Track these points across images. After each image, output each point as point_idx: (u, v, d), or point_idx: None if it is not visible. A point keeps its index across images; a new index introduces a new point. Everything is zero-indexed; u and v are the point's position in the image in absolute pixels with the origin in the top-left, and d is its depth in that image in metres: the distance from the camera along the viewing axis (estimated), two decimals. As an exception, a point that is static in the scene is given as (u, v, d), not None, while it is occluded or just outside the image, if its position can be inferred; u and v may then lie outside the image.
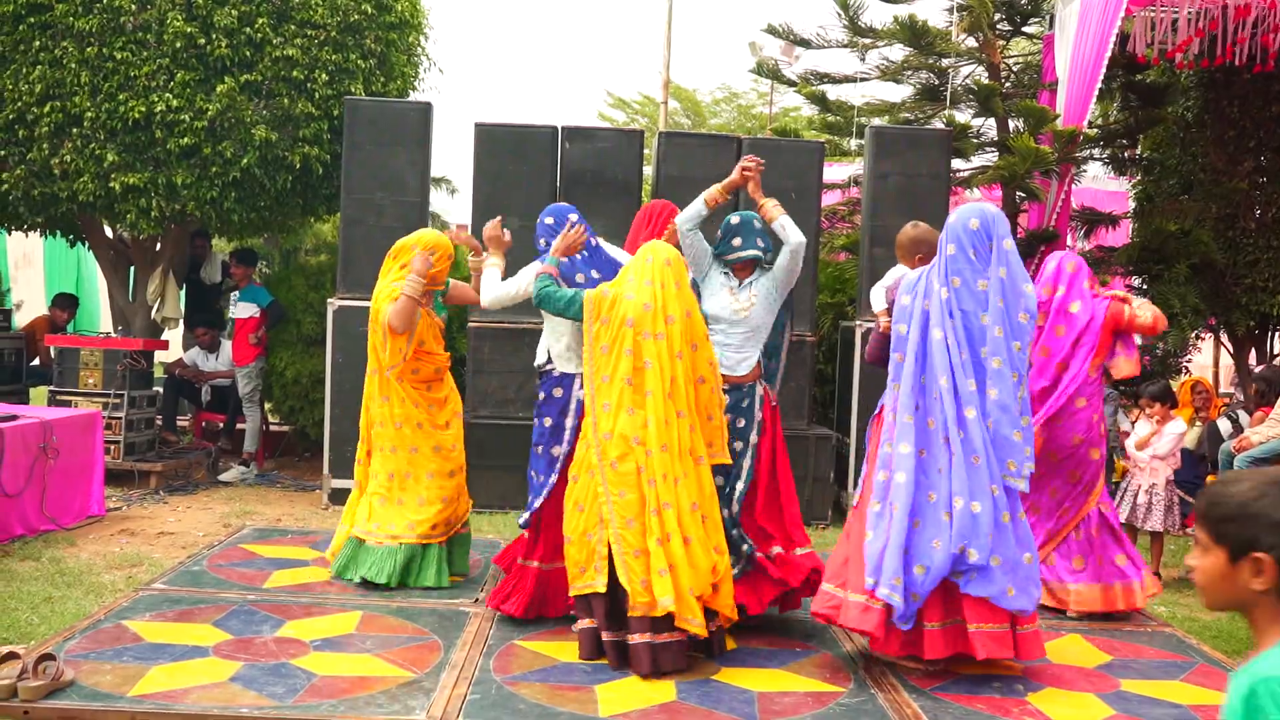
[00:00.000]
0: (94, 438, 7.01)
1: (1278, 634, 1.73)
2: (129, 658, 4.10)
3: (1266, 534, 1.71)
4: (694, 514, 4.27)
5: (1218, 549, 1.77)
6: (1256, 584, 1.73)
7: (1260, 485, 1.76)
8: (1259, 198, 9.37)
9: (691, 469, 4.34)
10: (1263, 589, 1.72)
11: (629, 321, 4.35)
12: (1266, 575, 1.71)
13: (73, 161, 7.71)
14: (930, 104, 10.16)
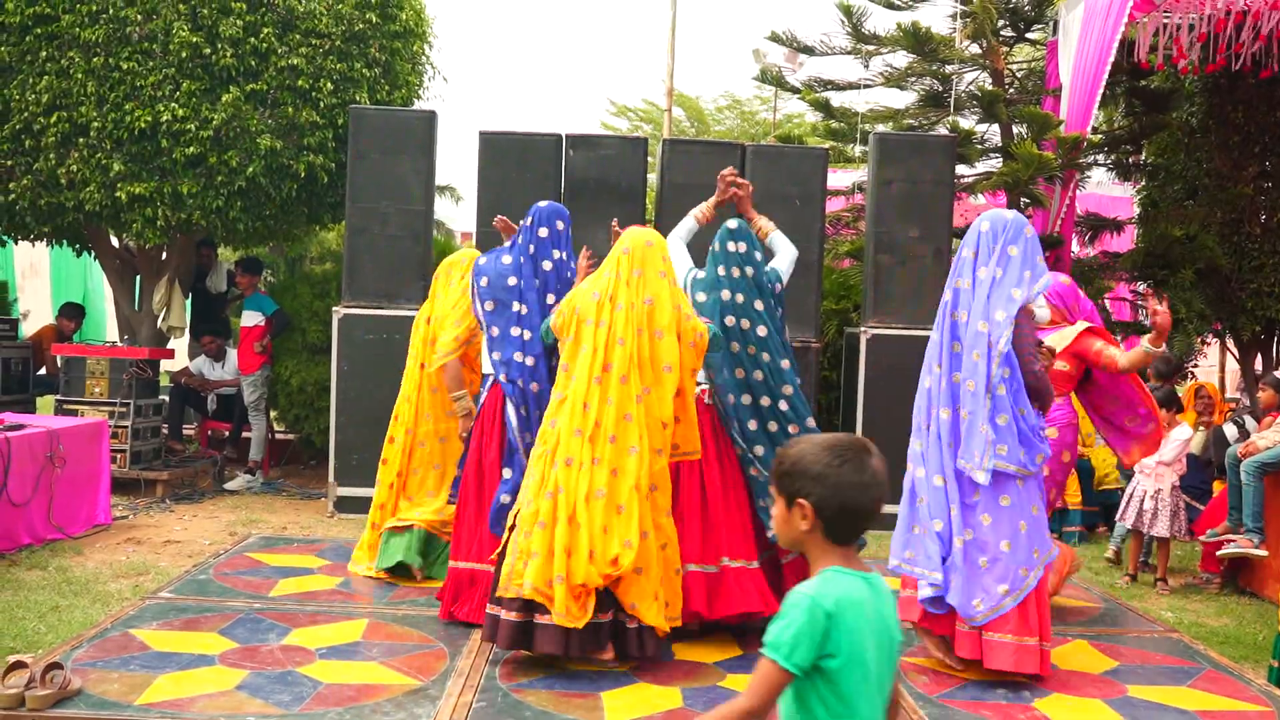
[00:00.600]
0: (100, 447, 7.02)
1: (821, 565, 2.11)
2: (136, 666, 4.10)
3: (806, 484, 2.09)
4: (595, 501, 4.21)
5: (780, 499, 2.14)
6: (802, 525, 2.09)
7: (806, 446, 2.14)
8: (1264, 203, 9.36)
9: (615, 456, 4.26)
10: (807, 529, 2.10)
11: (577, 311, 4.49)
12: (808, 518, 2.08)
13: (79, 171, 7.74)
14: (934, 110, 10.16)
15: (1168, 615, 5.80)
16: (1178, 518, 6.46)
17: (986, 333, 4.35)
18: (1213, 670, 4.63)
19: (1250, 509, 6.15)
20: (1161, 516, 6.40)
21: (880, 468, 2.14)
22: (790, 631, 2.01)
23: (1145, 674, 4.56)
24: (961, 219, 9.86)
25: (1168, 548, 6.57)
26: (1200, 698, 4.27)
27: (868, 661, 2.03)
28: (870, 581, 2.10)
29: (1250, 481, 6.15)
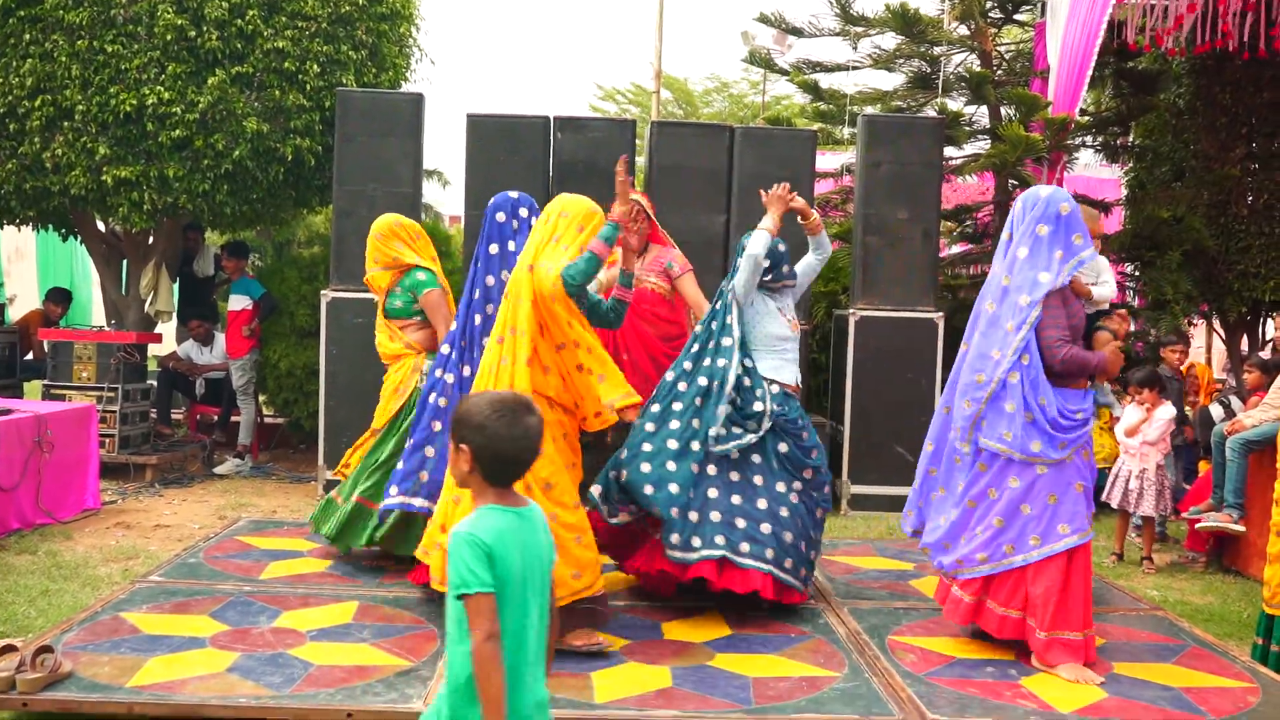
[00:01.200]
0: (89, 431, 7.01)
1: (480, 501, 2.48)
2: (126, 649, 4.11)
3: (469, 432, 2.45)
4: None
5: (451, 442, 2.50)
6: (464, 466, 2.46)
7: (475, 399, 2.52)
8: (1251, 184, 9.39)
9: None
10: (468, 470, 2.47)
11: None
12: (468, 461, 2.45)
13: (64, 155, 7.70)
14: (922, 92, 10.16)
15: (1153, 594, 5.85)
16: (1163, 497, 6.51)
17: (995, 314, 4.34)
18: (1197, 647, 4.67)
19: (1232, 485, 6.21)
20: (1147, 496, 6.45)
21: (535, 425, 2.50)
22: (465, 565, 2.36)
23: (1131, 651, 4.59)
24: (949, 201, 9.89)
25: (1153, 527, 6.62)
26: (1185, 674, 4.31)
27: (516, 583, 2.41)
28: (521, 515, 2.49)
29: (1234, 459, 6.21)
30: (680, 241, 7.76)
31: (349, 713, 3.65)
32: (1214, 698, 4.00)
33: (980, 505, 4.40)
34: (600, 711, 3.74)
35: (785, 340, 4.99)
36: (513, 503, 2.49)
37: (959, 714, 3.80)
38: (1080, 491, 4.33)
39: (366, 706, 3.67)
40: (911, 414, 7.74)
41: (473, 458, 2.45)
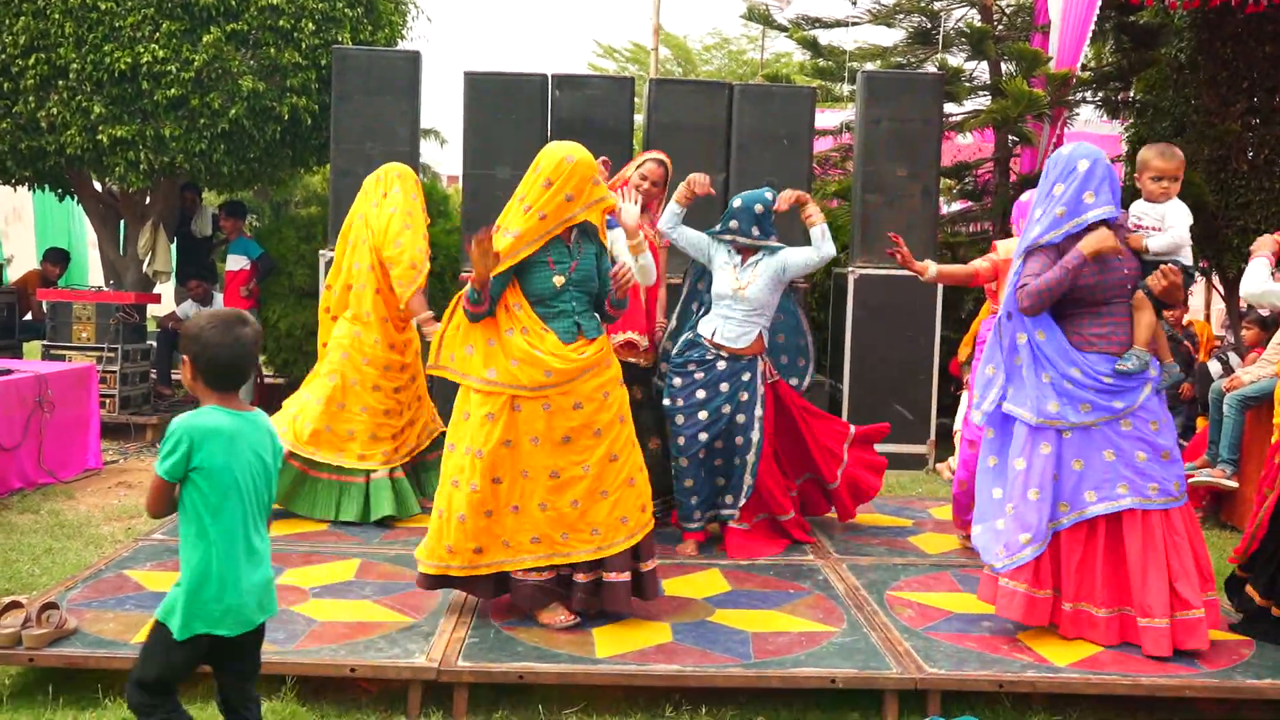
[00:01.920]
0: (89, 391, 7.02)
1: (205, 404, 2.80)
2: (131, 606, 4.14)
3: (189, 344, 2.78)
4: None
5: (182, 358, 2.83)
6: (188, 375, 2.80)
7: (196, 317, 2.86)
8: (1251, 139, 9.34)
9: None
10: (191, 378, 2.81)
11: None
12: (190, 370, 2.79)
13: (59, 114, 7.66)
14: (922, 48, 10.09)
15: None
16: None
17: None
18: (1193, 601, 4.69)
19: (1228, 440, 6.24)
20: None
21: (248, 335, 2.81)
22: (164, 451, 2.73)
23: (1127, 605, 4.62)
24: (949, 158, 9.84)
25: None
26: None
27: (231, 473, 2.76)
28: (244, 417, 2.82)
29: (1231, 414, 6.23)
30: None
31: (352, 667, 3.68)
32: (1208, 651, 4.03)
33: (1010, 482, 4.20)
34: (601, 666, 3.78)
35: (722, 299, 5.06)
36: (235, 407, 2.82)
37: (956, 668, 3.84)
38: (1111, 460, 4.03)
39: (369, 661, 3.71)
40: (911, 372, 7.77)
41: (193, 366, 2.78)
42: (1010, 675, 3.80)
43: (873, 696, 3.80)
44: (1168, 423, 4.13)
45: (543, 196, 4.03)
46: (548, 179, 4.02)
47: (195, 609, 2.75)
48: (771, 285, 5.05)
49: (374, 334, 5.55)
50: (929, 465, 7.97)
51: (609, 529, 4.08)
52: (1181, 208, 4.15)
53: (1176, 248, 4.10)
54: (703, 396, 5.03)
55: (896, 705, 3.75)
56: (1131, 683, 3.79)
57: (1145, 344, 4.06)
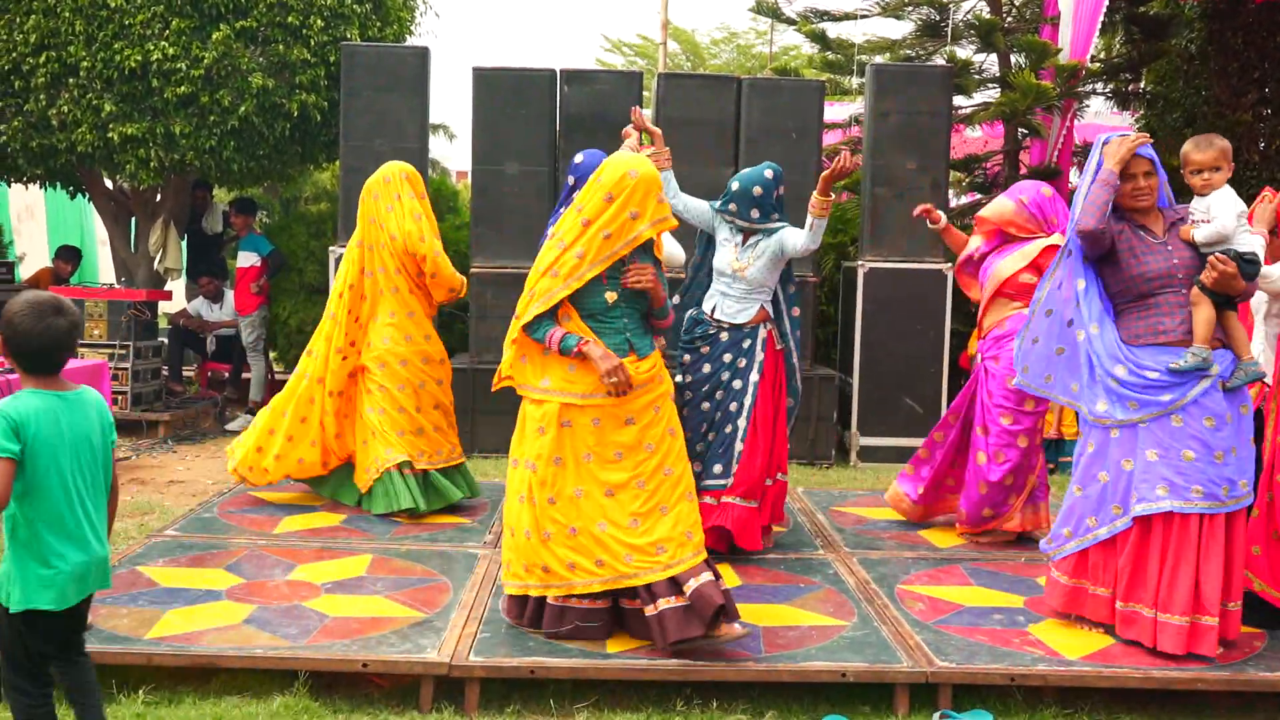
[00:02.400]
0: (101, 388, 7.05)
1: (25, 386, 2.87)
2: (144, 602, 4.16)
3: (4, 328, 2.84)
4: None
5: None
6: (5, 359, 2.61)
7: (12, 301, 2.88)
8: (1263, 130, 9.30)
9: None
10: (9, 361, 2.86)
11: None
12: (6, 353, 2.83)
13: (70, 112, 7.69)
14: (931, 40, 10.06)
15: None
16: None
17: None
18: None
19: None
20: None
21: (61, 326, 2.86)
22: None
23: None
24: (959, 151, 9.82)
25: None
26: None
27: (54, 454, 2.83)
28: (64, 398, 2.90)
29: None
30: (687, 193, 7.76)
31: (364, 663, 3.70)
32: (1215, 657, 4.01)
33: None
34: (612, 661, 3.79)
35: (722, 275, 5.04)
36: (56, 387, 2.91)
37: (967, 661, 3.84)
38: (1154, 460, 3.91)
39: (381, 656, 3.72)
40: (920, 366, 7.76)
41: (6, 348, 2.86)
42: (1021, 668, 3.80)
43: (884, 690, 3.80)
44: (1233, 422, 3.91)
45: (605, 212, 3.88)
46: (609, 193, 3.87)
47: (23, 584, 2.84)
48: (771, 265, 4.98)
49: (404, 332, 5.62)
50: (939, 459, 7.95)
51: (675, 545, 3.87)
52: (1226, 197, 4.03)
53: (1222, 237, 3.97)
54: (708, 370, 5.01)
55: (907, 699, 3.76)
56: (1144, 675, 3.79)
57: (1205, 341, 3.88)
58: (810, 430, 7.68)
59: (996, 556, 5.19)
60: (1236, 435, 3.92)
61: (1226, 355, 3.95)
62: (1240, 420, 3.94)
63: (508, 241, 7.61)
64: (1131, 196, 4.07)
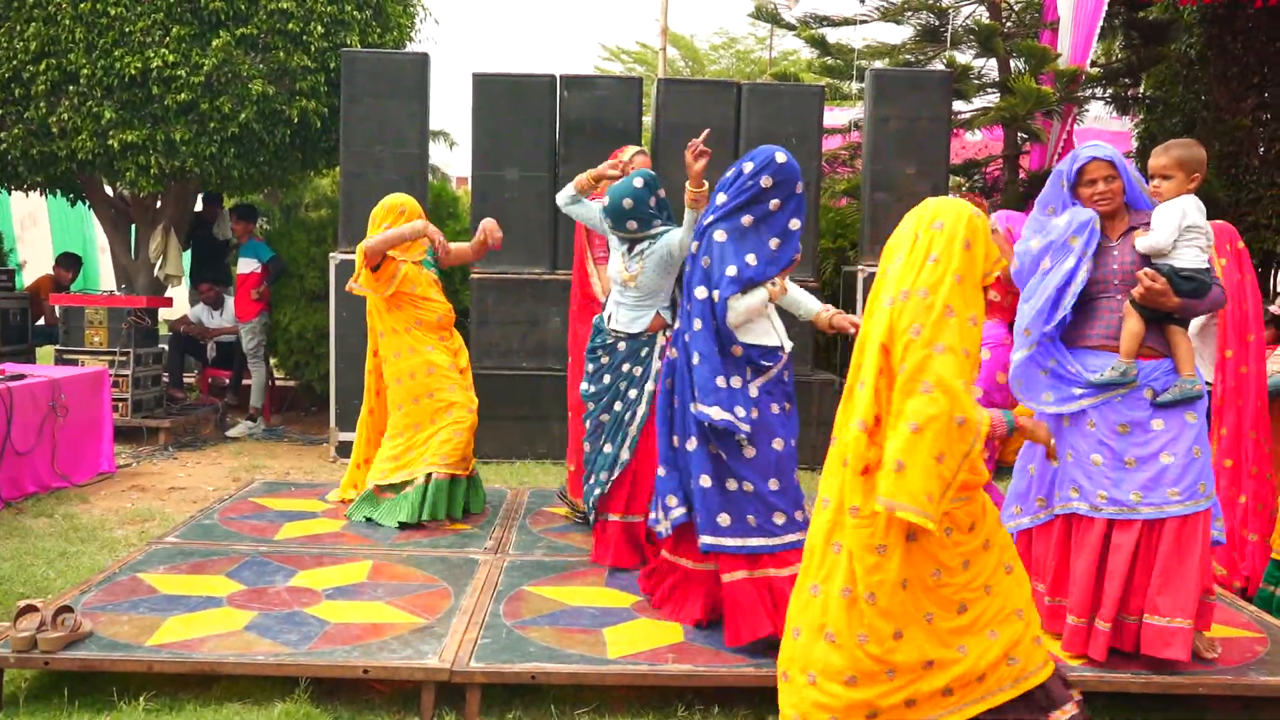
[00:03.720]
0: (102, 395, 7.06)
1: None
2: (145, 609, 4.16)
3: None
4: None
5: None
6: None
7: None
8: (1262, 135, 9.32)
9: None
10: None
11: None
12: None
13: (70, 120, 7.69)
14: (931, 45, 10.08)
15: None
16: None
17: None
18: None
19: None
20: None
21: None
22: None
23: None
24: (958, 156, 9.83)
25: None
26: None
27: None
28: None
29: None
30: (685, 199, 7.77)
31: (365, 669, 3.70)
32: (1221, 647, 4.02)
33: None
34: (613, 666, 3.78)
35: (615, 284, 5.02)
36: None
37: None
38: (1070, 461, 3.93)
39: (382, 663, 3.72)
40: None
41: None
42: (1023, 673, 3.78)
43: (885, 695, 3.79)
44: (1164, 429, 3.82)
45: (974, 264, 3.24)
46: (966, 240, 3.22)
47: None
48: (660, 270, 4.85)
49: (389, 350, 5.62)
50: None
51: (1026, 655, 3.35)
52: (1171, 209, 3.87)
53: (1156, 250, 3.84)
54: (607, 382, 4.97)
55: (909, 704, 3.75)
56: (1145, 680, 3.78)
57: (1129, 355, 3.81)
58: (811, 434, 7.67)
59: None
60: (1168, 443, 3.81)
61: (1162, 365, 3.86)
62: (1184, 429, 3.82)
63: (508, 247, 7.56)
64: (1090, 201, 3.97)
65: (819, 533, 3.37)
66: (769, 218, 4.02)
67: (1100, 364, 3.89)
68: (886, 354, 3.20)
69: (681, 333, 4.14)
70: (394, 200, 5.65)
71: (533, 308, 7.74)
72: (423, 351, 5.57)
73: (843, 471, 3.37)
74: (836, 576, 3.25)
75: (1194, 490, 3.79)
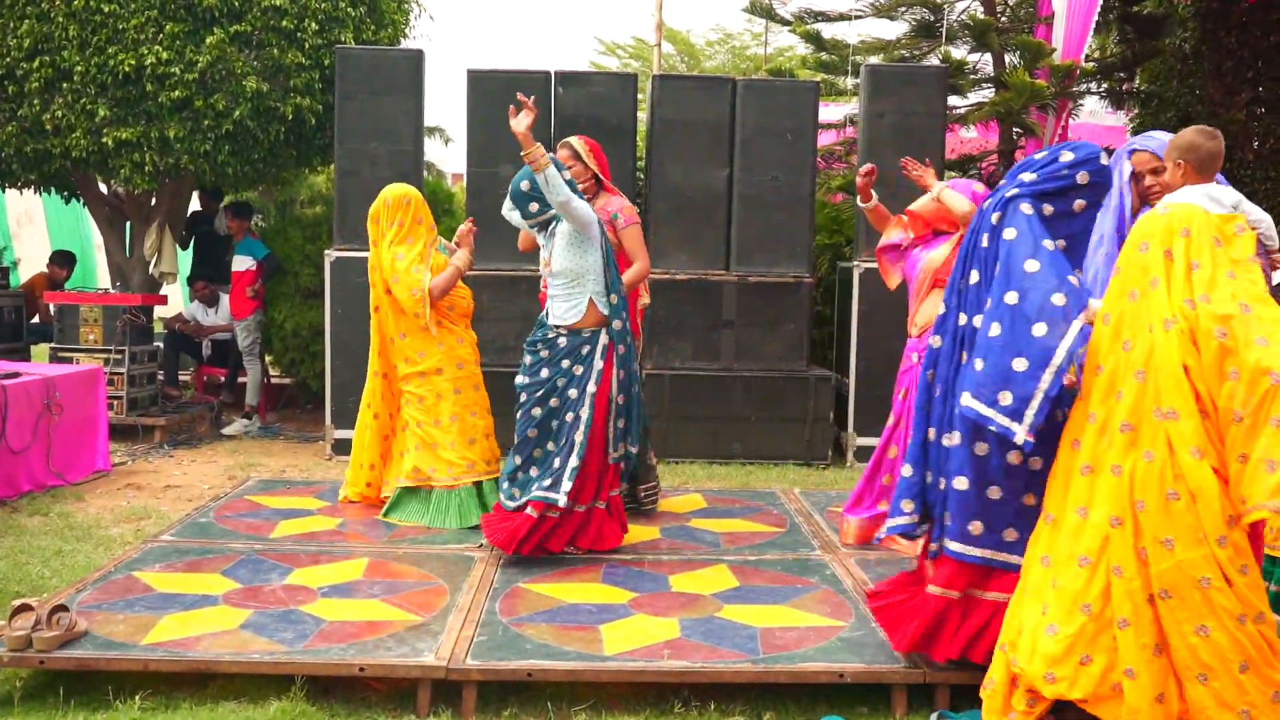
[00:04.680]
0: (97, 393, 7.04)
1: None
2: (140, 608, 4.16)
3: None
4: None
5: None
6: None
7: None
8: (1257, 129, 9.33)
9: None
10: None
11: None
12: None
13: (64, 117, 7.67)
14: (926, 41, 10.08)
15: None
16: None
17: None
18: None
19: None
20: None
21: None
22: None
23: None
24: (954, 151, 9.83)
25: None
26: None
27: None
28: None
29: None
30: (682, 195, 7.78)
31: (361, 666, 3.69)
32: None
33: None
34: (609, 663, 3.79)
35: (544, 276, 5.12)
36: None
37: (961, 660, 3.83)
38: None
39: (378, 660, 3.72)
40: (916, 365, 7.75)
41: None
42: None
43: (881, 691, 3.80)
44: None
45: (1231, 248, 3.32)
46: (1215, 238, 3.30)
47: None
48: (572, 248, 4.90)
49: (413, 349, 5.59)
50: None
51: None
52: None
53: None
54: (545, 375, 4.97)
55: (905, 699, 3.76)
56: (1140, 675, 3.79)
57: None
58: (806, 431, 7.69)
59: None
60: None
61: None
62: None
63: (503, 244, 7.57)
64: (1143, 194, 4.03)
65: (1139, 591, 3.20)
66: (1069, 217, 3.61)
67: None
68: (1188, 372, 3.16)
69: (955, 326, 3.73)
70: (397, 193, 5.62)
71: (527, 305, 7.73)
72: (451, 345, 5.58)
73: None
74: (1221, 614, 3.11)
75: None
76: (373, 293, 5.66)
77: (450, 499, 5.52)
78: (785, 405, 7.73)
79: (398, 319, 5.56)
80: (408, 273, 5.44)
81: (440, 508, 5.52)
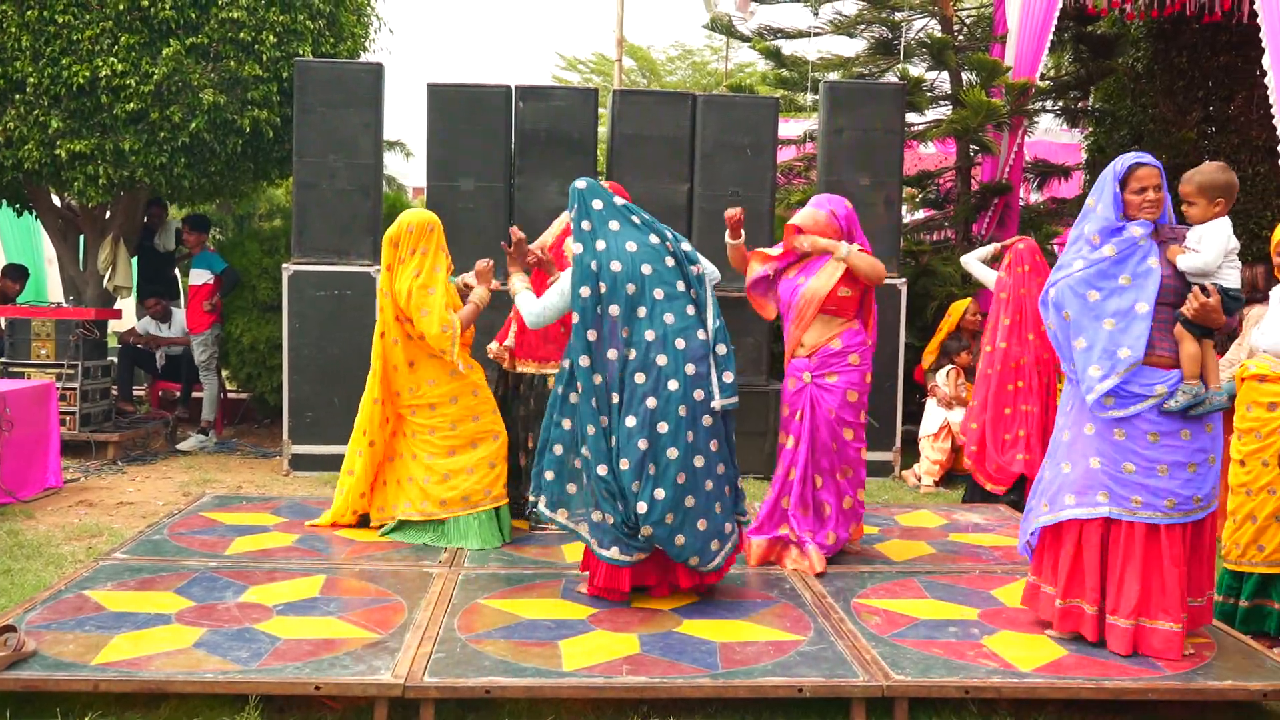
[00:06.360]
0: (48, 409, 6.93)
1: None
2: (91, 627, 4.08)
3: None
4: None
5: None
6: None
7: None
8: (1207, 147, 9.48)
9: None
10: None
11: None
12: None
13: (16, 129, 7.57)
14: (884, 58, 10.18)
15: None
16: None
17: None
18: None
19: None
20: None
21: None
22: None
23: (1091, 610, 4.65)
24: (911, 167, 9.92)
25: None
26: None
27: None
28: None
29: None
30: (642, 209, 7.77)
31: (316, 685, 3.65)
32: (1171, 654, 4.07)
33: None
34: (568, 679, 3.76)
35: None
36: None
37: (923, 674, 3.85)
38: (1096, 467, 4.08)
39: (334, 679, 3.67)
40: (877, 381, 7.74)
41: None
42: (976, 681, 3.81)
43: (840, 705, 3.81)
44: (1191, 439, 4.00)
45: None
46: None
47: None
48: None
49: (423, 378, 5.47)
50: (894, 472, 8.01)
51: None
52: (1218, 231, 3.99)
53: (1202, 271, 3.96)
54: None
55: (864, 712, 3.76)
56: (1096, 686, 3.82)
57: (1192, 377, 3.95)
58: (766, 444, 7.70)
59: (952, 570, 5.22)
60: (1192, 452, 4.01)
61: (1174, 375, 4.01)
62: (1201, 437, 4.03)
63: (464, 258, 7.56)
64: (1139, 209, 4.09)
65: None
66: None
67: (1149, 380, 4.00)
68: None
69: None
70: (421, 220, 5.41)
71: (495, 320, 7.71)
72: (464, 373, 5.48)
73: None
74: None
75: (1210, 496, 4.06)
76: (380, 317, 5.42)
77: (469, 522, 5.45)
78: (745, 419, 7.71)
79: (406, 346, 5.44)
80: (442, 309, 5.32)
81: (458, 532, 5.45)
